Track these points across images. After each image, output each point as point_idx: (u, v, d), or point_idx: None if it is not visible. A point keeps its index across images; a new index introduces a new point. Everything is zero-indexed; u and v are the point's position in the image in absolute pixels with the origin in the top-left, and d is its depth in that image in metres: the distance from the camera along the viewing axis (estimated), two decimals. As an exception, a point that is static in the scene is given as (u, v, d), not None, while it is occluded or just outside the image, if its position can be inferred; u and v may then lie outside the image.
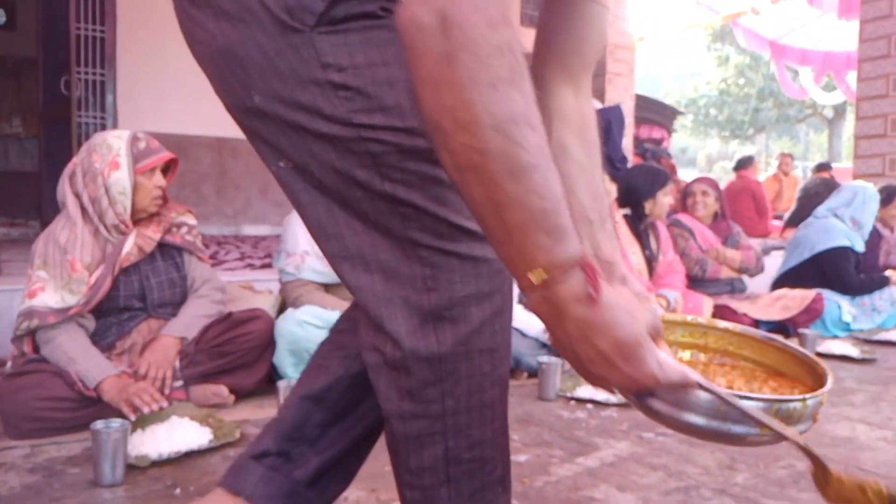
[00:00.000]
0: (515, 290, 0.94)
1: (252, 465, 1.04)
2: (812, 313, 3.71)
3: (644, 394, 0.70)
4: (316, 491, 1.04)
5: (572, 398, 2.42)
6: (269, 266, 3.52)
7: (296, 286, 2.44)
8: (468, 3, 0.61)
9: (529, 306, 0.67)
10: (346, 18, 0.76)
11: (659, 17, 7.95)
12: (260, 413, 2.13)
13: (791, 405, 0.75)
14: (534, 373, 2.59)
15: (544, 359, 2.44)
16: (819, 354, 3.30)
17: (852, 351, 3.31)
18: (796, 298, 3.71)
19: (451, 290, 0.80)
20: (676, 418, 0.73)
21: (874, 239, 4.36)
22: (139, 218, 2.15)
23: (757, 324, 3.61)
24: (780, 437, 0.74)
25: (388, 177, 0.79)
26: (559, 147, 0.90)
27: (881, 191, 4.42)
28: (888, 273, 4.26)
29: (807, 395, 0.77)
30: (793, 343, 0.91)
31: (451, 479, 0.85)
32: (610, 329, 0.64)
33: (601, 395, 2.40)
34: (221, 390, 2.15)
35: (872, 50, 6.23)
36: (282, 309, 2.50)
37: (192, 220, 2.30)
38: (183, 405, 1.98)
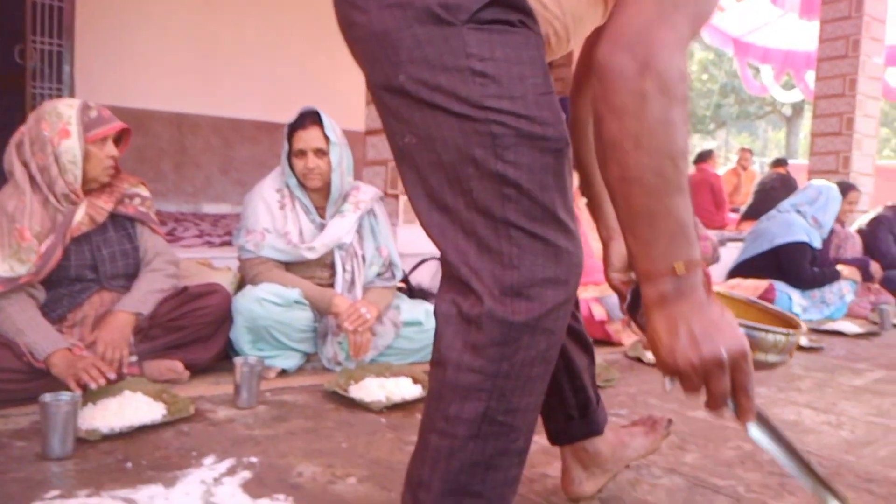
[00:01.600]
0: None
1: (570, 423, 1.29)
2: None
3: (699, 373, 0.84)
4: None
5: (530, 380, 2.44)
6: (228, 244, 3.47)
7: (255, 263, 2.41)
8: (667, 57, 0.82)
9: (654, 293, 0.85)
10: (492, 21, 0.90)
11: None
12: (215, 389, 2.11)
13: (779, 337, 0.96)
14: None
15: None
16: (769, 343, 3.39)
17: (800, 340, 3.40)
18: (749, 288, 3.81)
19: (533, 271, 0.90)
20: None
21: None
22: (90, 188, 2.10)
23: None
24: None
25: (503, 157, 0.90)
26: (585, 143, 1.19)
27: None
28: (839, 268, 4.39)
29: (790, 331, 0.97)
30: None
31: (481, 436, 0.91)
32: (711, 312, 0.84)
33: (558, 377, 2.43)
34: (176, 366, 2.12)
35: (831, 50, 6.39)
36: (241, 286, 2.47)
37: (145, 192, 2.25)
38: (136, 380, 1.95)
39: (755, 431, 0.96)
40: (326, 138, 2.40)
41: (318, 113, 2.43)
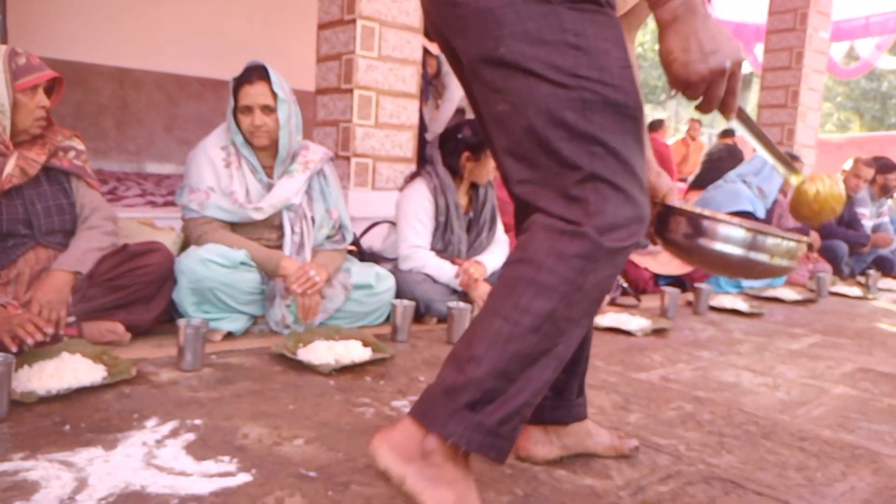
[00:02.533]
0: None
1: (543, 402, 1.25)
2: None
3: (706, 86, 0.99)
4: None
5: (479, 343, 2.46)
6: (172, 204, 3.36)
7: (199, 223, 2.34)
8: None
9: (668, 14, 0.97)
10: (583, 1, 1.05)
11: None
12: (158, 352, 2.06)
13: (790, 243, 1.20)
14: (443, 318, 2.61)
15: (454, 304, 2.47)
16: (712, 308, 3.50)
17: (741, 305, 3.53)
18: (695, 256, 3.88)
19: (615, 218, 1.04)
20: (712, 249, 1.19)
21: (769, 202, 4.61)
22: (21, 140, 1.99)
23: (656, 278, 3.78)
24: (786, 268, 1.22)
25: (591, 120, 1.03)
26: None
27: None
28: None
29: (802, 238, 1.21)
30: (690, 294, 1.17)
31: (540, 331, 1.03)
32: (713, 26, 0.97)
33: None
34: (117, 327, 2.05)
35: (780, 22, 6.50)
36: (185, 247, 2.39)
37: (79, 145, 2.15)
38: (75, 342, 1.88)
39: (736, 124, 1.18)
40: (274, 94, 2.32)
41: (266, 67, 2.34)
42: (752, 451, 1.62)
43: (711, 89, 0.99)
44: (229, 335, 2.29)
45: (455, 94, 4.68)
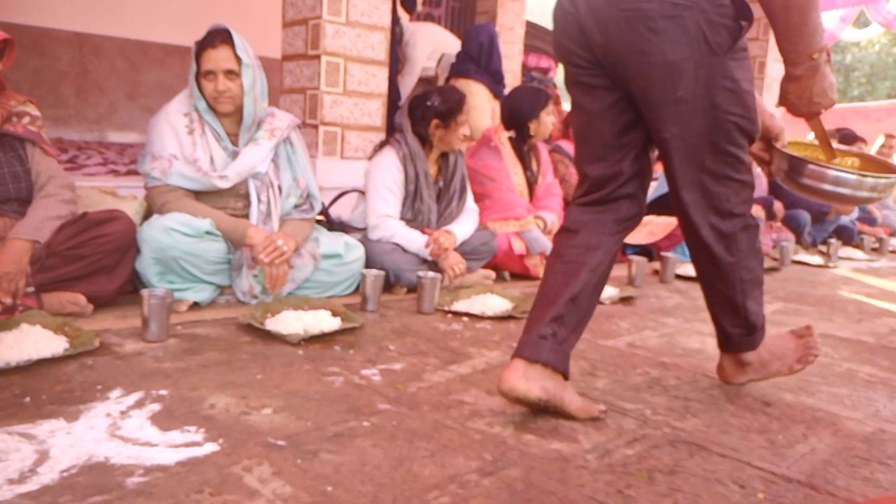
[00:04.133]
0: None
1: (543, 342, 1.55)
2: (674, 239, 3.95)
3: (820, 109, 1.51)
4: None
5: (449, 311, 2.46)
6: (135, 173, 3.28)
7: (162, 192, 2.28)
8: None
9: (797, 72, 1.45)
10: (735, 50, 1.49)
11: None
12: (122, 323, 2.02)
13: (881, 180, 1.60)
14: (413, 288, 2.61)
15: (424, 273, 2.46)
16: (678, 276, 3.55)
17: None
18: (661, 224, 3.93)
19: (741, 197, 1.62)
20: (823, 188, 1.61)
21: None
22: (-29, 105, 1.91)
23: (624, 247, 3.81)
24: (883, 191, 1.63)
25: (731, 141, 1.55)
26: None
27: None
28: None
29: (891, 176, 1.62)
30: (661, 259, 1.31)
31: (737, 282, 1.68)
32: (830, 79, 1.47)
33: (477, 308, 2.46)
34: (78, 298, 2.01)
35: (748, -7, 6.49)
36: (147, 216, 2.34)
37: (34, 111, 2.07)
38: (35, 313, 1.84)
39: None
40: (238, 59, 2.26)
41: (230, 31, 2.27)
42: (716, 415, 1.65)
43: (809, 118, 1.55)
44: (195, 305, 2.26)
45: (416, 67, 4.63)
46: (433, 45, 4.79)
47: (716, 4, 1.44)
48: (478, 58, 4.42)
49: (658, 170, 5.58)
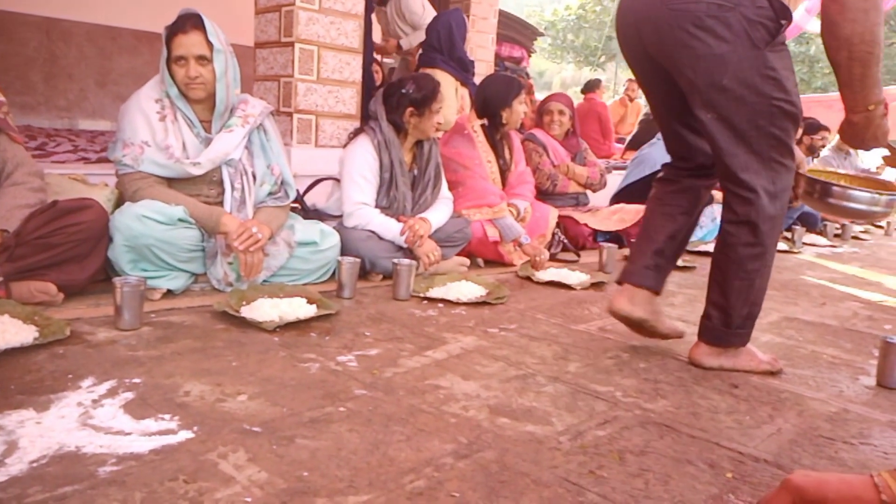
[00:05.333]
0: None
1: (647, 272, 1.97)
2: (645, 226, 3.99)
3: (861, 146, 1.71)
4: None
5: (425, 298, 2.47)
6: (106, 160, 3.22)
7: (134, 179, 2.25)
8: None
9: (855, 119, 1.64)
10: (774, 44, 1.68)
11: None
12: (95, 311, 2.00)
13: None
14: (388, 275, 2.61)
15: (399, 261, 2.47)
16: (650, 263, 3.59)
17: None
18: (631, 212, 3.97)
19: (783, 184, 1.77)
20: (846, 206, 1.86)
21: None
22: (-65, 91, 1.87)
23: (595, 234, 3.85)
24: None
25: (775, 124, 1.72)
26: None
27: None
28: (712, 193, 4.66)
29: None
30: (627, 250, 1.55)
31: (748, 272, 1.82)
32: (884, 128, 1.65)
33: (452, 294, 2.47)
34: (48, 288, 1.98)
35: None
36: (119, 204, 2.30)
37: (-1, 96, 2.04)
38: (3, 302, 1.81)
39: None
40: (209, 45, 2.23)
41: (201, 16, 2.25)
42: (685, 397, 1.69)
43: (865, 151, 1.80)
44: (169, 293, 2.24)
45: (422, 33, 4.73)
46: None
47: (756, 6, 1.64)
48: (440, 47, 4.44)
49: (629, 158, 5.64)
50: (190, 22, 2.22)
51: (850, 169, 6.52)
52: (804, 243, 5.07)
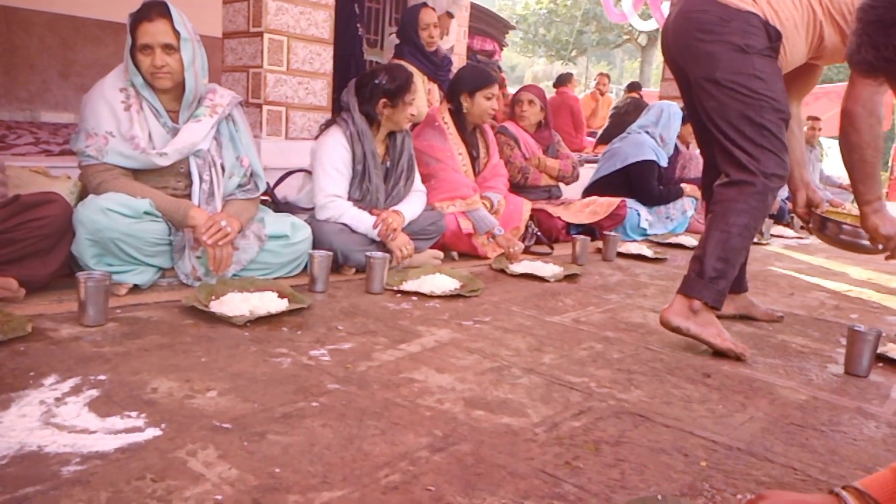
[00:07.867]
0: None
1: (698, 281, 2.02)
2: (616, 219, 4.03)
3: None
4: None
5: (398, 291, 2.45)
6: (69, 153, 3.14)
7: (98, 170, 2.18)
8: (878, 109, 1.88)
9: (871, 209, 1.97)
10: (764, 51, 1.96)
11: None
12: (58, 307, 1.94)
13: None
14: (361, 268, 2.59)
15: (372, 254, 2.44)
16: (620, 254, 3.62)
17: (647, 251, 3.68)
18: (603, 205, 4.00)
19: (772, 169, 1.98)
20: (855, 241, 2.12)
21: (673, 154, 4.78)
22: None
23: (568, 227, 3.87)
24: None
25: (763, 116, 1.95)
26: (791, 132, 2.14)
27: (683, 109, 4.82)
28: (682, 186, 4.72)
29: None
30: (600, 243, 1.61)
31: (741, 235, 1.99)
32: (887, 219, 1.97)
33: (426, 287, 2.46)
34: (9, 283, 1.91)
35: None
36: (82, 196, 2.24)
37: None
38: (-39, 298, 1.75)
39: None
40: (176, 33, 2.18)
41: (166, 4, 2.19)
42: (658, 387, 1.69)
43: (889, 244, 1.97)
44: (135, 289, 2.19)
45: None
46: None
47: (750, 24, 1.95)
48: (408, 39, 4.40)
49: (601, 152, 5.67)
50: (155, 9, 2.16)
51: (814, 161, 6.75)
52: (772, 235, 5.15)
